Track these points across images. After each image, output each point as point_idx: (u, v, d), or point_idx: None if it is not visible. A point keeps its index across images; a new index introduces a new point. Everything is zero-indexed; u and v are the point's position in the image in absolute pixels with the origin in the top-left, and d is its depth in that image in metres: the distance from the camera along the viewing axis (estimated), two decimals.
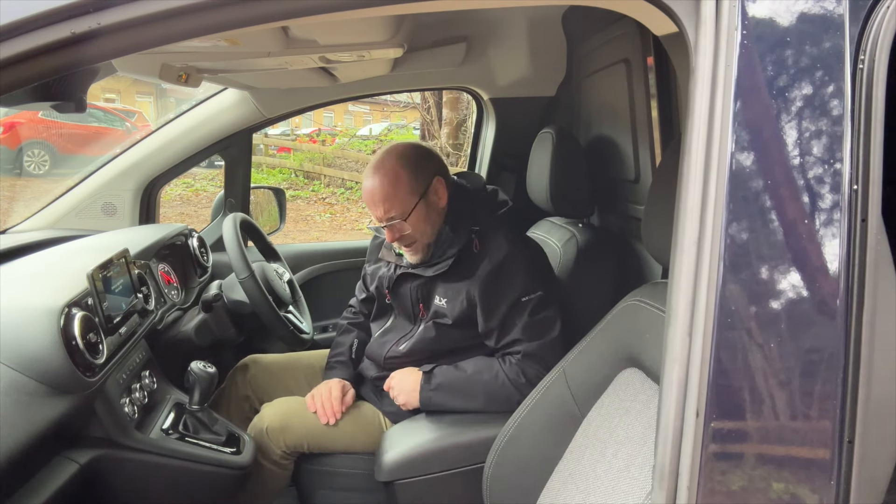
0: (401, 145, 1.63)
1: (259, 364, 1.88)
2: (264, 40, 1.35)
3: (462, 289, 1.57)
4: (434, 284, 1.63)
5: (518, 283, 1.54)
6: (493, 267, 1.54)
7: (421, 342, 1.64)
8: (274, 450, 1.60)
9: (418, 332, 1.66)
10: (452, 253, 1.58)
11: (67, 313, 1.18)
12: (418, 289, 1.65)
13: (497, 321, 1.55)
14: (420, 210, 1.57)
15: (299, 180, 10.62)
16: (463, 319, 1.58)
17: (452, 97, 7.93)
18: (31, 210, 2.13)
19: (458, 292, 1.58)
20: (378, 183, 1.57)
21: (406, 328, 1.71)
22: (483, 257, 1.56)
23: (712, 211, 0.74)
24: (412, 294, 1.67)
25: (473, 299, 1.56)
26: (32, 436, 1.04)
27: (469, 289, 1.56)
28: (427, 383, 1.57)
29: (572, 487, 1.13)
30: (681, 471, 0.74)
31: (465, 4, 1.03)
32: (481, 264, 1.56)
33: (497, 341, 1.57)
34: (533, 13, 2.11)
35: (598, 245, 1.80)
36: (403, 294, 1.69)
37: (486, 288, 1.54)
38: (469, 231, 1.60)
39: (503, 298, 1.54)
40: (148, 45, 0.76)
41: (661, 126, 1.61)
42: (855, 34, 0.75)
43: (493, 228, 1.61)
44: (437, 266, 1.60)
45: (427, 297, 1.64)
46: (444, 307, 1.60)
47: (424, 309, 1.66)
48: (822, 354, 0.74)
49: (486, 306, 1.55)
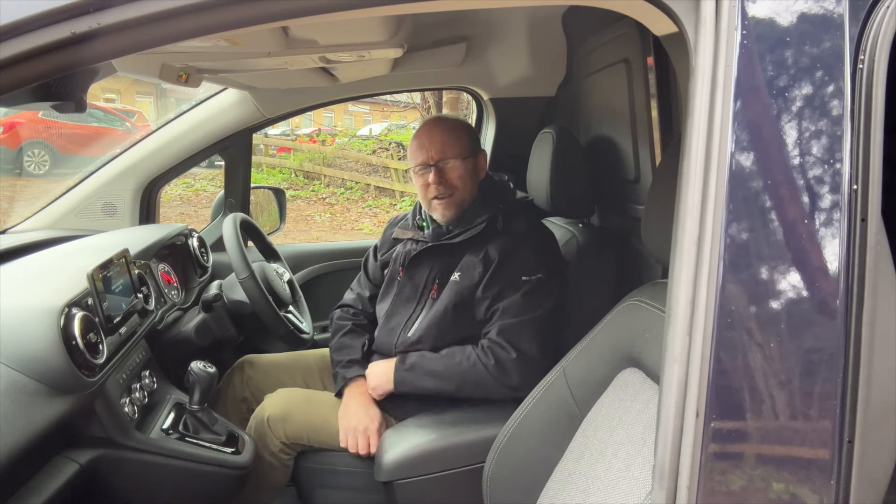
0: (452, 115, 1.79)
1: (255, 365, 1.88)
2: (264, 40, 1.35)
3: (479, 258, 1.61)
4: (457, 259, 1.65)
5: (524, 262, 1.58)
6: (512, 238, 1.61)
7: (431, 326, 1.63)
8: (274, 440, 1.60)
9: (427, 314, 1.66)
10: (482, 220, 1.63)
11: (67, 313, 1.18)
12: (439, 267, 1.67)
13: (492, 292, 1.58)
14: (469, 164, 1.67)
15: (299, 180, 10.62)
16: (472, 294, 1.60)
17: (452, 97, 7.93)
18: (31, 210, 2.13)
19: (475, 265, 1.61)
20: (441, 126, 1.68)
21: (409, 309, 1.70)
22: (505, 231, 1.63)
23: (712, 211, 0.74)
24: (430, 272, 1.68)
25: (487, 268, 1.59)
26: (32, 436, 1.04)
27: (488, 254, 1.60)
28: (402, 363, 1.60)
29: (572, 487, 1.13)
30: (681, 471, 0.74)
31: (465, 4, 1.03)
32: (502, 236, 1.62)
33: (485, 310, 1.59)
34: (533, 13, 2.11)
35: (598, 245, 1.81)
36: (420, 272, 1.70)
37: (503, 255, 1.59)
38: (496, 207, 1.66)
39: (507, 271, 1.58)
40: (148, 45, 0.76)
41: (661, 126, 1.61)
42: (855, 34, 0.75)
43: (517, 211, 1.69)
44: (465, 232, 1.64)
45: (445, 274, 1.66)
46: (457, 280, 1.62)
47: (438, 288, 1.66)
48: (822, 354, 0.74)
49: (493, 273, 1.58)
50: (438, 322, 1.62)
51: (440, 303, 1.64)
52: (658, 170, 1.15)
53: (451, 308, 1.62)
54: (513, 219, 1.66)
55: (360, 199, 9.85)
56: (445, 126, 1.68)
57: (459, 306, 1.62)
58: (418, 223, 1.80)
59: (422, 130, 1.70)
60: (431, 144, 1.65)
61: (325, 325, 2.39)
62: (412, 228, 1.80)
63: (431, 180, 1.64)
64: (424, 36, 2.10)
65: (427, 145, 1.66)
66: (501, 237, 1.62)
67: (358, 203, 9.72)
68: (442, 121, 1.71)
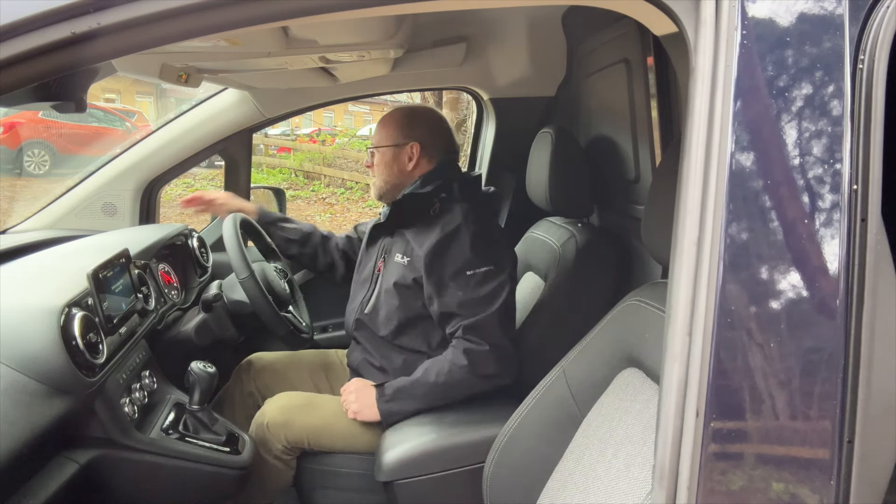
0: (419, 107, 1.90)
1: (263, 361, 1.92)
2: (264, 40, 1.35)
3: (418, 246, 1.65)
4: (396, 239, 1.73)
5: (461, 257, 1.59)
6: (442, 235, 1.61)
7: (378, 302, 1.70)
8: (275, 444, 1.60)
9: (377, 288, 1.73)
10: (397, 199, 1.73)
11: (67, 313, 1.18)
12: (384, 245, 1.78)
13: (435, 287, 1.60)
14: (387, 153, 1.76)
15: (299, 180, 10.62)
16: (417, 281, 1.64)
17: (452, 97, 7.92)
18: (31, 210, 2.13)
19: (416, 250, 1.65)
20: (385, 117, 1.83)
21: (365, 288, 1.78)
22: (438, 223, 1.65)
23: (712, 211, 0.74)
24: (378, 250, 1.80)
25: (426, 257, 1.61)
26: (32, 436, 1.04)
27: (424, 245, 1.63)
28: (381, 396, 1.58)
29: (572, 487, 1.13)
30: (680, 470, 0.74)
31: (465, 4, 1.03)
32: (436, 228, 1.64)
33: (438, 308, 1.60)
34: (533, 13, 2.11)
35: (598, 245, 1.80)
36: (372, 252, 1.83)
37: (433, 251, 1.60)
38: (435, 195, 1.69)
39: (444, 268, 1.59)
40: (148, 45, 0.76)
41: (661, 126, 1.61)
42: (855, 34, 0.75)
43: (456, 201, 1.68)
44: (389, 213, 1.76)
45: (388, 251, 1.75)
46: (404, 263, 1.67)
47: (383, 266, 1.74)
48: (822, 354, 0.74)
49: (428, 270, 1.61)
50: (387, 297, 1.68)
51: (386, 279, 1.71)
52: (658, 170, 1.15)
53: (394, 286, 1.66)
54: (450, 210, 1.65)
55: (360, 199, 9.85)
56: (385, 117, 1.81)
57: (404, 288, 1.66)
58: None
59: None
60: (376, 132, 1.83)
61: (325, 325, 2.40)
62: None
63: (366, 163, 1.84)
64: (424, 36, 2.10)
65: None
66: (437, 229, 1.63)
67: (358, 203, 9.71)
68: (387, 113, 1.82)
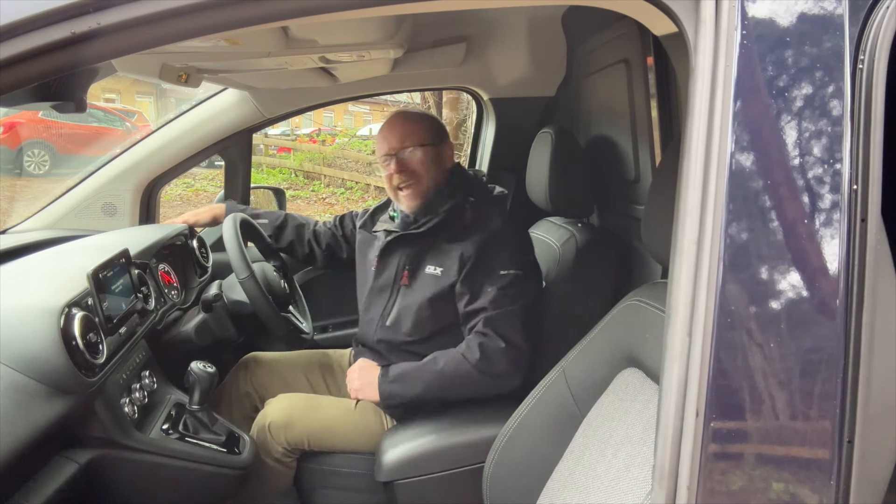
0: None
1: (259, 361, 1.90)
2: (264, 40, 1.35)
3: (456, 254, 1.61)
4: (426, 250, 1.66)
5: (502, 257, 1.59)
6: (486, 235, 1.60)
7: (407, 314, 1.65)
8: (276, 447, 1.61)
9: (401, 301, 1.68)
10: (445, 209, 1.64)
11: (67, 313, 1.18)
12: (408, 256, 1.68)
13: (469, 287, 1.58)
14: (431, 151, 1.67)
15: (299, 180, 10.62)
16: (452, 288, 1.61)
17: (452, 97, 7.91)
18: (31, 210, 2.12)
19: (453, 258, 1.61)
20: (402, 118, 1.71)
21: (384, 299, 1.71)
22: (476, 227, 1.62)
23: (712, 211, 0.74)
24: (400, 261, 1.69)
25: (464, 264, 1.59)
26: (32, 436, 1.04)
27: (463, 251, 1.60)
28: (385, 377, 1.58)
29: (572, 487, 1.13)
30: (680, 471, 0.74)
31: (465, 4, 1.03)
32: (475, 233, 1.61)
33: (466, 305, 1.59)
34: (533, 13, 2.11)
35: (598, 245, 1.80)
36: (391, 262, 1.71)
37: (479, 253, 1.58)
38: (465, 200, 1.66)
39: (484, 267, 1.58)
40: (148, 45, 0.76)
41: (661, 126, 1.61)
42: (855, 34, 0.75)
43: (489, 204, 1.68)
44: (430, 222, 1.65)
45: (416, 263, 1.67)
46: (438, 274, 1.62)
47: (409, 276, 1.67)
48: (822, 354, 0.74)
49: (470, 269, 1.58)
50: (417, 311, 1.64)
51: (416, 293, 1.65)
52: (658, 170, 1.14)
53: (429, 300, 1.62)
54: (485, 213, 1.65)
55: (360, 199, 9.85)
56: (406, 117, 1.72)
57: (439, 299, 1.62)
58: (390, 214, 1.83)
59: (385, 123, 1.72)
60: (392, 134, 1.68)
61: (325, 325, 2.39)
62: (385, 219, 1.84)
63: (393, 169, 1.66)
64: (424, 36, 2.10)
65: (388, 136, 1.68)
66: (476, 233, 1.61)
67: (358, 203, 9.71)
68: (403, 113, 1.75)
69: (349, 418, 1.65)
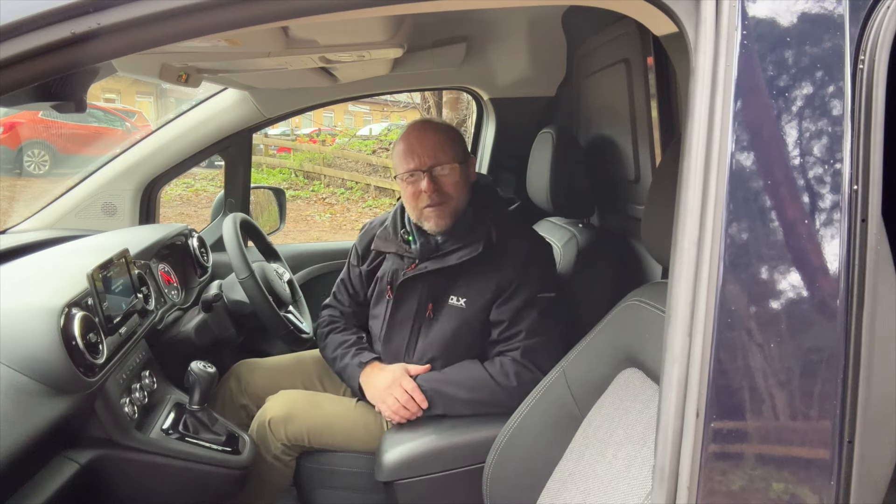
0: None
1: (252, 369, 1.85)
2: (264, 40, 1.35)
3: (488, 284, 1.53)
4: (453, 281, 1.56)
5: (538, 280, 1.55)
6: (520, 260, 1.54)
7: (436, 347, 1.58)
8: (275, 443, 1.60)
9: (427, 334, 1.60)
10: (479, 237, 1.53)
11: (67, 313, 1.18)
12: (432, 287, 1.57)
13: (510, 313, 1.53)
14: (463, 170, 1.57)
15: (299, 180, 10.61)
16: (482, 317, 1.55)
17: (452, 97, 7.91)
18: (31, 210, 2.13)
19: (485, 288, 1.53)
20: (433, 129, 1.57)
21: (406, 331, 1.62)
22: (507, 251, 1.55)
23: (712, 211, 0.74)
24: (423, 292, 1.58)
25: (502, 291, 1.52)
26: (32, 436, 1.04)
27: (499, 281, 1.52)
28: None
29: (572, 487, 1.13)
30: (681, 471, 0.74)
31: (465, 4, 1.03)
32: (507, 257, 1.54)
33: (501, 333, 1.54)
34: (533, 13, 2.10)
35: (598, 245, 1.80)
36: (412, 294, 1.60)
37: (517, 279, 1.51)
38: (487, 221, 1.57)
39: (522, 292, 1.53)
40: (148, 45, 0.76)
41: (661, 126, 1.61)
42: (855, 34, 0.75)
43: (511, 223, 1.63)
44: (461, 252, 1.53)
45: (441, 294, 1.57)
46: (462, 306, 1.55)
47: (434, 309, 1.58)
48: (822, 354, 0.74)
49: (508, 297, 1.53)
50: (443, 344, 1.58)
51: (443, 325, 1.57)
52: (658, 170, 1.15)
53: (452, 333, 1.56)
54: (511, 232, 1.59)
55: (360, 199, 9.85)
56: (438, 129, 1.57)
57: (466, 331, 1.55)
58: (403, 237, 1.65)
59: (410, 134, 1.56)
60: (423, 149, 1.53)
61: None
62: (395, 241, 1.66)
63: (425, 188, 1.51)
64: (424, 36, 2.10)
65: (418, 150, 1.53)
66: (508, 258, 1.53)
67: (358, 203, 9.71)
68: (432, 124, 1.61)
69: (350, 416, 1.64)
